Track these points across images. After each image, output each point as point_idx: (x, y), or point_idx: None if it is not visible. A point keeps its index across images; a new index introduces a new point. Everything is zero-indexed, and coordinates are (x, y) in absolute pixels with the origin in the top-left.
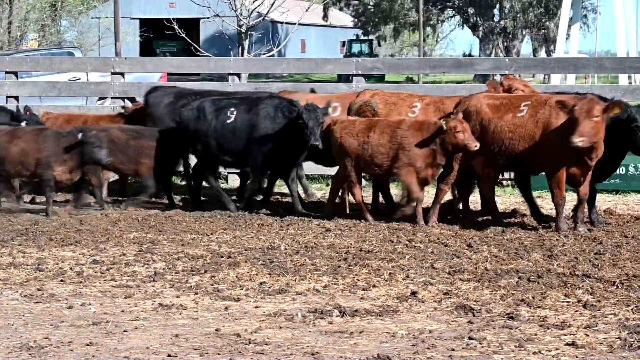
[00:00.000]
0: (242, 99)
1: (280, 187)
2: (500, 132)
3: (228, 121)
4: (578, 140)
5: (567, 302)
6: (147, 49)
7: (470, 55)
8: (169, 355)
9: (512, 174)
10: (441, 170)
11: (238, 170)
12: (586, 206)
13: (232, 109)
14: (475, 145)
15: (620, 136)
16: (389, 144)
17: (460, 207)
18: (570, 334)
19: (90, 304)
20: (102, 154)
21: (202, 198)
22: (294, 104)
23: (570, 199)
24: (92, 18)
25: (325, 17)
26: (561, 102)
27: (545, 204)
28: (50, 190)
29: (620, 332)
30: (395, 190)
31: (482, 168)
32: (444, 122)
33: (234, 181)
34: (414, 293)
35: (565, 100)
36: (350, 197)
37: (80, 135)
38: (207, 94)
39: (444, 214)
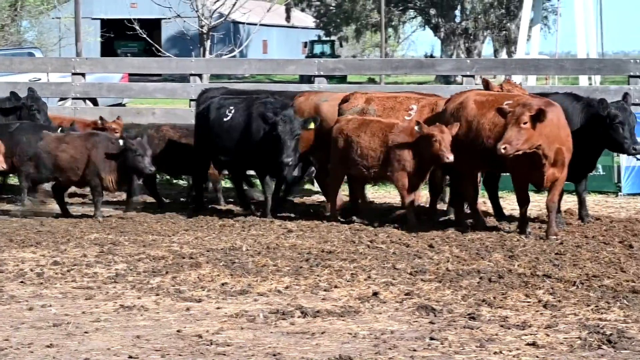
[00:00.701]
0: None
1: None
2: (482, 130)
3: (225, 119)
4: (501, 147)
5: (528, 302)
6: (108, 49)
7: (431, 56)
8: (130, 357)
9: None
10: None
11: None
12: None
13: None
14: (448, 157)
15: (599, 134)
16: (380, 147)
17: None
18: (531, 334)
19: (50, 306)
20: (145, 163)
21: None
22: (277, 110)
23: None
24: (53, 18)
25: (287, 17)
26: (499, 109)
27: (507, 204)
28: (99, 195)
29: (580, 332)
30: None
31: (465, 166)
32: (418, 128)
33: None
34: (375, 294)
35: (503, 107)
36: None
37: (122, 143)
38: (255, 94)
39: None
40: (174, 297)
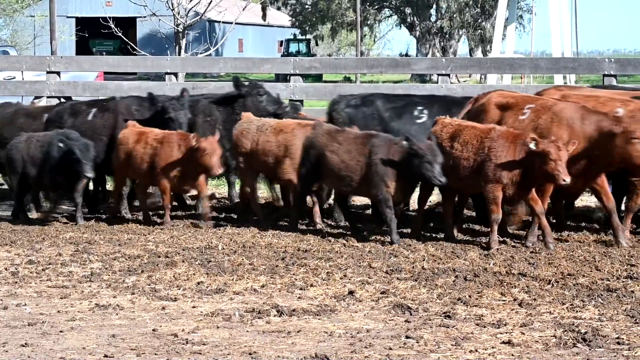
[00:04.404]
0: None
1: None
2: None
3: None
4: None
5: (504, 300)
6: (83, 48)
7: (407, 55)
8: (106, 356)
9: None
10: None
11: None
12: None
13: None
14: (565, 179)
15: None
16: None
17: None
18: (506, 333)
19: (25, 305)
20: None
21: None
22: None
23: None
24: (27, 16)
25: (263, 16)
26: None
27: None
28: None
29: (555, 330)
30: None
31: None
32: (534, 144)
33: None
34: (351, 292)
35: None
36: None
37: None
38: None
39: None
40: (150, 296)
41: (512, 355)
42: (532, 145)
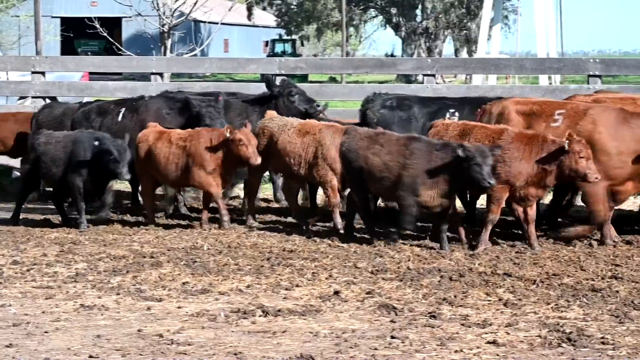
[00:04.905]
0: None
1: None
2: None
3: None
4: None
5: (489, 300)
6: (68, 48)
7: (392, 55)
8: (91, 357)
9: None
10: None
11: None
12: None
13: None
14: (596, 177)
15: None
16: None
17: None
18: (491, 333)
19: (10, 305)
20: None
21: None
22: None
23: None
24: (12, 16)
25: (249, 16)
26: None
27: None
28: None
29: (540, 330)
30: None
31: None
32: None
33: None
34: (337, 292)
35: None
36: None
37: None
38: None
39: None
40: (135, 296)
41: (497, 355)
42: (565, 145)
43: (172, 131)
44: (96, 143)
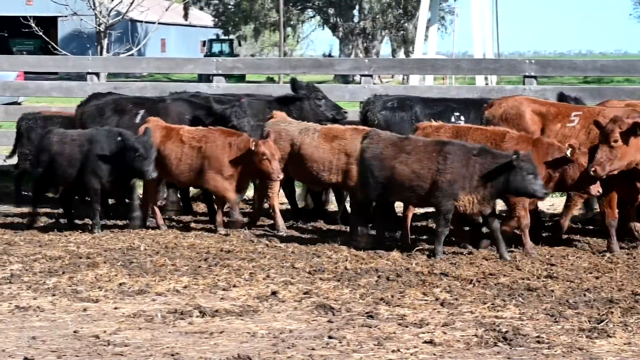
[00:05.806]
0: None
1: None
2: None
3: None
4: (590, 170)
5: (426, 300)
6: (3, 47)
7: (330, 55)
8: (26, 358)
9: None
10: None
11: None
12: None
13: None
14: (599, 191)
15: None
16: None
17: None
18: (428, 332)
19: None
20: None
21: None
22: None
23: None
24: None
25: (185, 16)
26: (596, 122)
27: None
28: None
29: (476, 329)
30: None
31: None
32: (570, 151)
33: None
34: (274, 293)
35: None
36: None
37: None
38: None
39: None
40: (71, 297)
41: (434, 354)
42: (568, 153)
43: (181, 128)
44: (119, 139)
